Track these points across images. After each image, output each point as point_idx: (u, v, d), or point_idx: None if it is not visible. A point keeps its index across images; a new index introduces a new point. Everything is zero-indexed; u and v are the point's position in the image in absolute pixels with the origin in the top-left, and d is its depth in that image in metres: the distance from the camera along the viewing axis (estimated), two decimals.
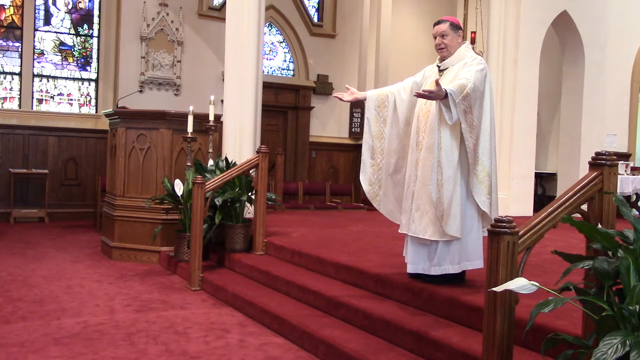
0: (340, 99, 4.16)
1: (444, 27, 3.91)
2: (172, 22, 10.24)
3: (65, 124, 9.97)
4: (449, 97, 3.56)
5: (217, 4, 10.92)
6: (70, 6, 10.25)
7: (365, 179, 4.17)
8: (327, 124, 11.98)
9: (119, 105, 8.53)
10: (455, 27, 3.92)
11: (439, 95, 3.53)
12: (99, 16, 10.40)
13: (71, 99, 10.27)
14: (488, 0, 8.93)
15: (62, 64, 10.20)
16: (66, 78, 10.23)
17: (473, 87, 3.62)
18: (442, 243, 3.73)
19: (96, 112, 10.31)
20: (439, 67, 3.97)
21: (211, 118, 6.35)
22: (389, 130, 4.12)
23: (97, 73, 10.40)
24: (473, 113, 3.64)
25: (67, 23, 10.25)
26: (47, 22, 10.10)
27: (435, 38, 3.95)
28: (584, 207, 2.56)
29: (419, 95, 3.58)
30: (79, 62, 10.33)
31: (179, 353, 3.67)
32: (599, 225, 2.39)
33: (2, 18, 9.81)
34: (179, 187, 5.95)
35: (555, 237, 5.71)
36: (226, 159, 6.35)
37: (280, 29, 11.65)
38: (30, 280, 5.47)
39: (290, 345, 3.91)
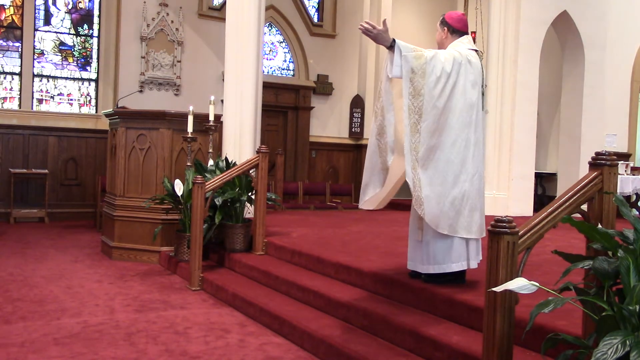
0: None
1: (437, 23, 3.95)
2: (172, 22, 10.24)
3: (65, 124, 9.97)
4: (395, 47, 3.45)
5: (217, 4, 10.92)
6: (70, 6, 10.25)
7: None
8: (327, 124, 11.98)
9: (119, 105, 8.53)
10: (442, 22, 3.92)
11: (380, 36, 3.43)
12: (99, 16, 10.41)
13: (71, 99, 10.27)
14: (488, 0, 8.93)
15: (62, 64, 10.20)
16: (66, 78, 10.23)
17: (434, 55, 3.54)
18: (426, 242, 3.74)
19: (96, 112, 10.31)
20: None
21: (211, 118, 6.35)
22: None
23: (97, 73, 10.40)
24: (425, 79, 3.50)
25: (67, 23, 10.25)
26: (47, 22, 10.10)
27: None
28: (584, 207, 2.56)
29: (361, 29, 3.44)
30: (79, 62, 10.33)
31: (179, 353, 3.67)
32: (599, 225, 2.39)
33: (2, 18, 9.82)
34: (179, 187, 5.95)
35: (555, 237, 5.71)
36: (226, 159, 6.35)
37: (280, 29, 11.65)
38: (30, 280, 5.47)
39: (290, 345, 3.91)
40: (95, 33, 10.41)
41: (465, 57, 3.68)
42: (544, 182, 10.81)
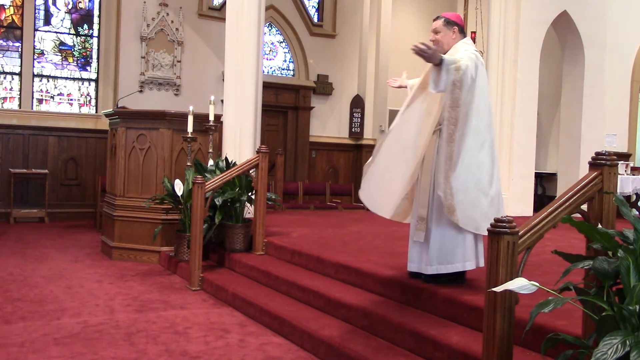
0: (390, 85, 4.30)
1: (437, 23, 3.92)
2: (172, 22, 10.24)
3: (65, 124, 9.97)
4: (442, 63, 3.49)
5: (217, 4, 10.92)
6: (70, 6, 10.25)
7: None
8: (327, 124, 11.98)
9: (119, 105, 8.53)
10: (448, 22, 3.89)
11: (433, 56, 3.46)
12: (99, 16, 10.40)
13: (71, 99, 10.27)
14: (488, 0, 8.93)
15: (62, 64, 10.20)
16: (66, 78, 10.23)
17: (466, 65, 3.58)
18: (432, 242, 3.73)
19: (96, 112, 10.31)
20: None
21: (211, 118, 6.35)
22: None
23: (97, 73, 10.40)
24: (462, 90, 3.56)
25: (67, 23, 10.25)
26: (47, 22, 10.10)
27: (431, 34, 3.97)
28: (584, 207, 2.56)
29: (415, 50, 3.44)
30: (79, 62, 10.33)
31: (179, 353, 3.67)
32: (599, 225, 2.39)
33: (2, 18, 9.82)
34: (179, 187, 5.95)
35: (555, 237, 5.70)
36: (226, 159, 6.35)
37: (280, 29, 11.65)
38: (30, 280, 5.47)
39: (290, 345, 3.91)
40: (95, 33, 10.41)
41: (479, 59, 3.73)
42: (544, 182, 10.80)
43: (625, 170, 8.86)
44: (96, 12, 10.42)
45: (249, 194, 5.93)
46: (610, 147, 9.48)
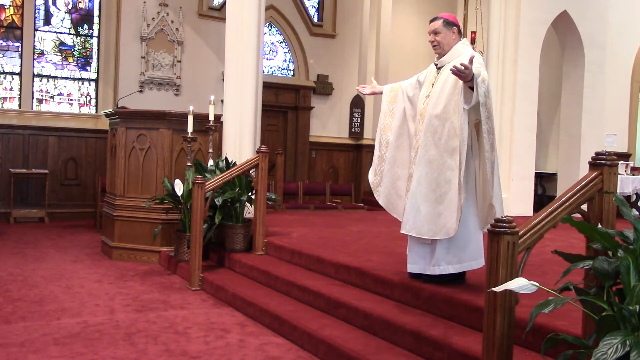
0: (360, 92, 4.42)
1: (437, 24, 3.89)
2: (172, 22, 10.24)
3: (65, 124, 9.97)
4: (473, 77, 3.43)
5: (217, 4, 10.92)
6: (70, 6, 10.25)
7: (371, 169, 4.20)
8: (327, 124, 11.98)
9: (119, 105, 8.53)
10: (448, 23, 3.87)
11: (470, 74, 3.39)
12: (99, 16, 10.40)
13: (71, 99, 10.27)
14: (488, 0, 8.93)
15: (62, 64, 10.20)
16: (66, 78, 10.23)
17: (486, 74, 3.55)
18: (440, 242, 3.72)
19: (96, 112, 10.31)
20: (436, 64, 3.96)
21: (211, 118, 6.35)
22: (395, 124, 4.13)
23: (97, 73, 10.40)
24: (490, 99, 3.54)
25: (67, 23, 10.25)
26: (47, 22, 10.10)
27: (430, 35, 3.94)
28: (584, 207, 2.56)
29: (453, 71, 3.39)
30: (79, 62, 10.33)
31: (179, 353, 3.67)
32: (599, 225, 2.39)
33: (2, 18, 9.82)
34: (179, 187, 5.95)
35: (555, 237, 5.71)
36: (226, 159, 6.35)
37: (280, 29, 11.66)
38: (30, 280, 5.47)
39: (290, 345, 3.91)
40: (95, 33, 10.41)
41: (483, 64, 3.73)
42: (544, 182, 10.80)
43: (625, 170, 8.87)
44: (96, 12, 10.42)
45: (249, 194, 5.93)
46: (610, 147, 9.49)
